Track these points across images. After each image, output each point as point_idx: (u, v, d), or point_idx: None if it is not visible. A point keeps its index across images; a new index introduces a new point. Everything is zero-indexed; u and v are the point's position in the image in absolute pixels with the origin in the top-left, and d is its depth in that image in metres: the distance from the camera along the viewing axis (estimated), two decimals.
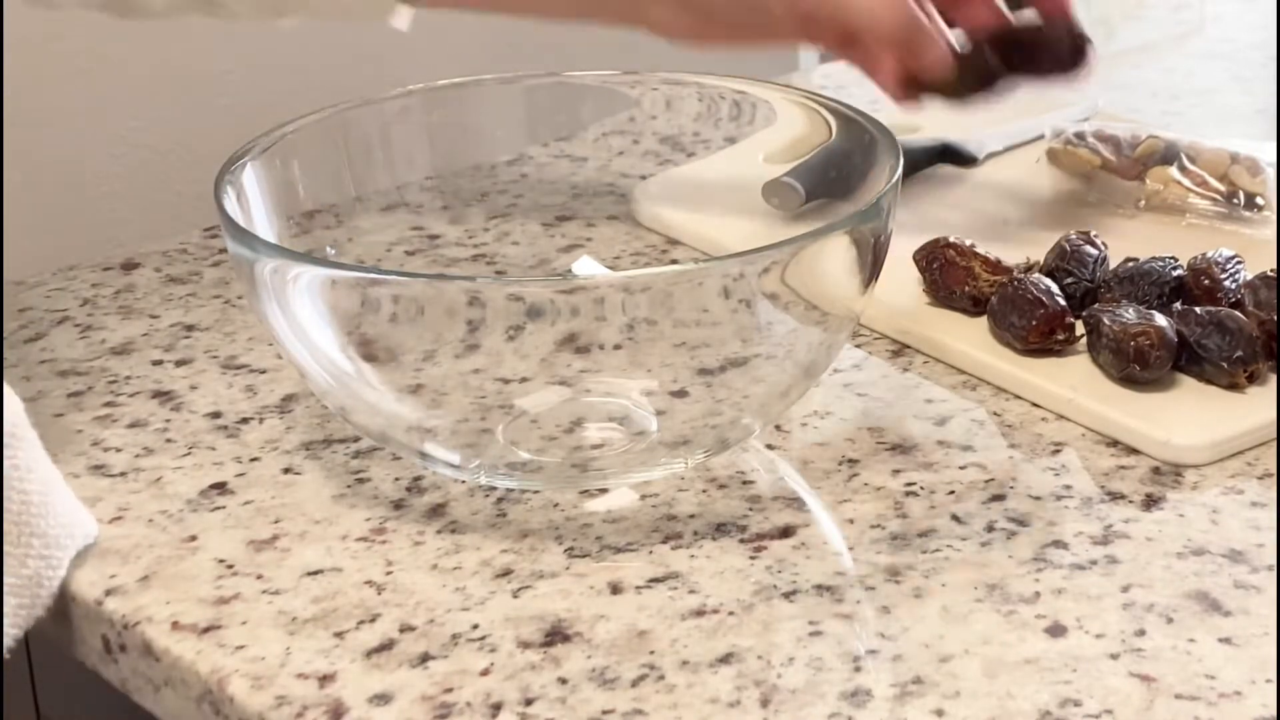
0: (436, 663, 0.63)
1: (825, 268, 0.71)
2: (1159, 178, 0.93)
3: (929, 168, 0.99)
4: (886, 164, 0.75)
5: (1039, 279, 0.80)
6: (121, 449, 0.77)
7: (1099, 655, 0.62)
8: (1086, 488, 0.72)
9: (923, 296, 0.84)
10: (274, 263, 0.69)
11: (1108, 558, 0.67)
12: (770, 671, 0.62)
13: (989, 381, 0.80)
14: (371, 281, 0.70)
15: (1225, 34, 1.26)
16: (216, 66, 1.10)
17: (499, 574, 0.68)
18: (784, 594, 0.66)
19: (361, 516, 0.72)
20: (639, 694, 0.61)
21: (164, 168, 1.10)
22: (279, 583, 0.68)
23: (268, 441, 0.77)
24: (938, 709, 0.60)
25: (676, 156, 0.94)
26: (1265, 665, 0.61)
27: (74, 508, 0.69)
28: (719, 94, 0.85)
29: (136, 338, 0.87)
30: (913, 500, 0.71)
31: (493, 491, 0.73)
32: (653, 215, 0.93)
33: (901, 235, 0.75)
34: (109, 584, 0.68)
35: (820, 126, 0.81)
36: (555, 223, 0.91)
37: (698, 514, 0.71)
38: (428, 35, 1.19)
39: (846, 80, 1.22)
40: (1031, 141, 1.01)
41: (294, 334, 0.71)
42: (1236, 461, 0.73)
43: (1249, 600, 0.65)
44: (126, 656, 0.67)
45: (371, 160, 0.85)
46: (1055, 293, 0.79)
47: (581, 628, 0.65)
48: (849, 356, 0.82)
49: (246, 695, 0.62)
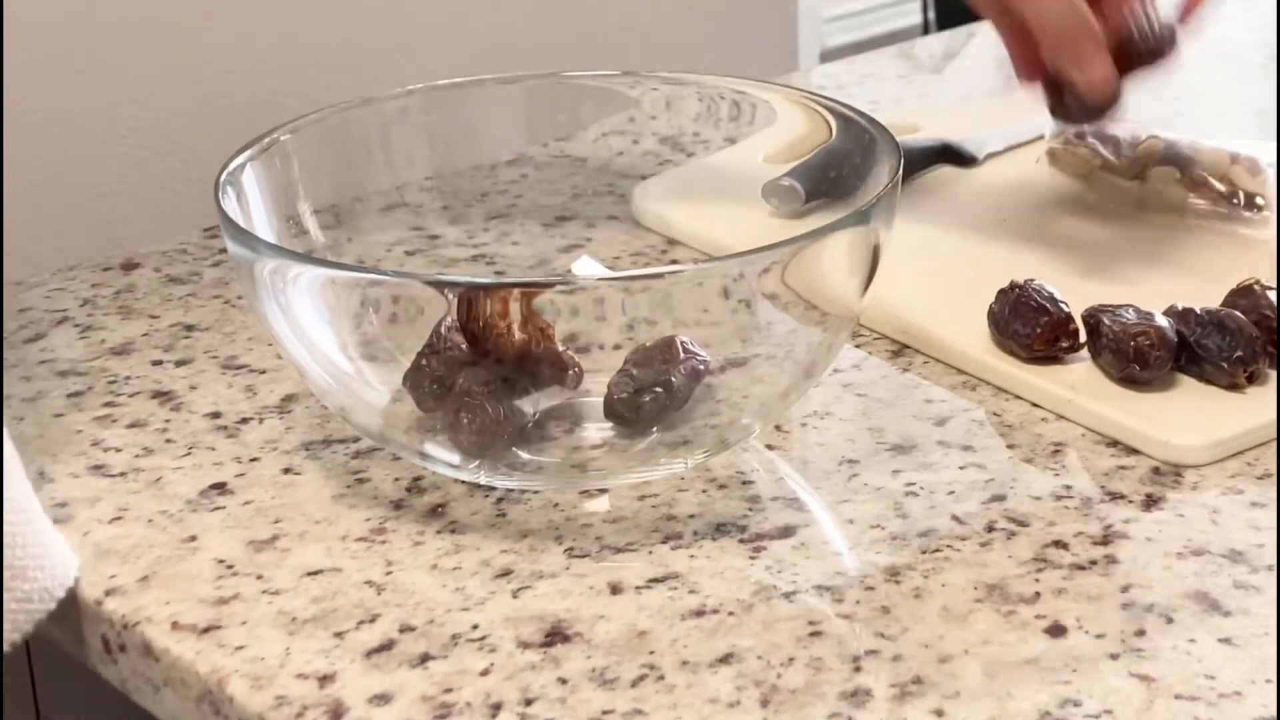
0: (436, 663, 0.63)
1: (825, 268, 0.71)
2: (1159, 178, 0.93)
3: (929, 168, 0.99)
4: (886, 164, 0.75)
5: (1041, 285, 0.80)
6: (121, 449, 0.77)
7: (1099, 655, 0.62)
8: (1086, 488, 0.72)
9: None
10: (274, 263, 0.69)
11: (1108, 558, 0.67)
12: (770, 671, 0.62)
13: (989, 381, 0.80)
14: (371, 281, 0.70)
15: (1225, 34, 1.26)
16: (216, 66, 1.10)
17: (499, 574, 0.68)
18: (784, 594, 0.66)
19: (361, 516, 0.72)
20: (639, 694, 0.61)
21: (164, 168, 1.10)
22: (279, 583, 0.68)
23: (267, 441, 0.77)
24: (938, 709, 0.60)
25: (676, 156, 0.94)
26: (1265, 665, 0.61)
27: (52, 540, 0.67)
28: (719, 94, 0.85)
29: (136, 338, 0.87)
30: (913, 500, 0.71)
31: (493, 491, 0.73)
32: (653, 215, 0.93)
33: (902, 235, 0.75)
34: (109, 584, 0.68)
35: (820, 126, 0.81)
36: (555, 223, 0.91)
37: (698, 514, 0.71)
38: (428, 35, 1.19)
39: (846, 80, 1.22)
40: (1031, 141, 1.01)
41: (294, 334, 0.71)
42: (1236, 461, 0.73)
43: (1249, 600, 0.65)
44: (126, 656, 0.67)
45: (371, 160, 0.85)
46: (1059, 299, 0.79)
47: (581, 628, 0.65)
48: (849, 356, 0.82)
49: (246, 695, 0.62)
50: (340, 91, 0.87)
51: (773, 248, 0.69)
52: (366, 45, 1.16)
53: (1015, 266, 0.88)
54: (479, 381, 0.70)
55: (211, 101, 1.10)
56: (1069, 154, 0.95)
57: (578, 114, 0.89)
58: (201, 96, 1.10)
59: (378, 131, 0.85)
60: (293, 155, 0.79)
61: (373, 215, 0.85)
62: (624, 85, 0.87)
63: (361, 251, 0.84)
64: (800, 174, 0.87)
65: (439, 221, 0.89)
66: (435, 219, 0.89)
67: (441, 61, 1.18)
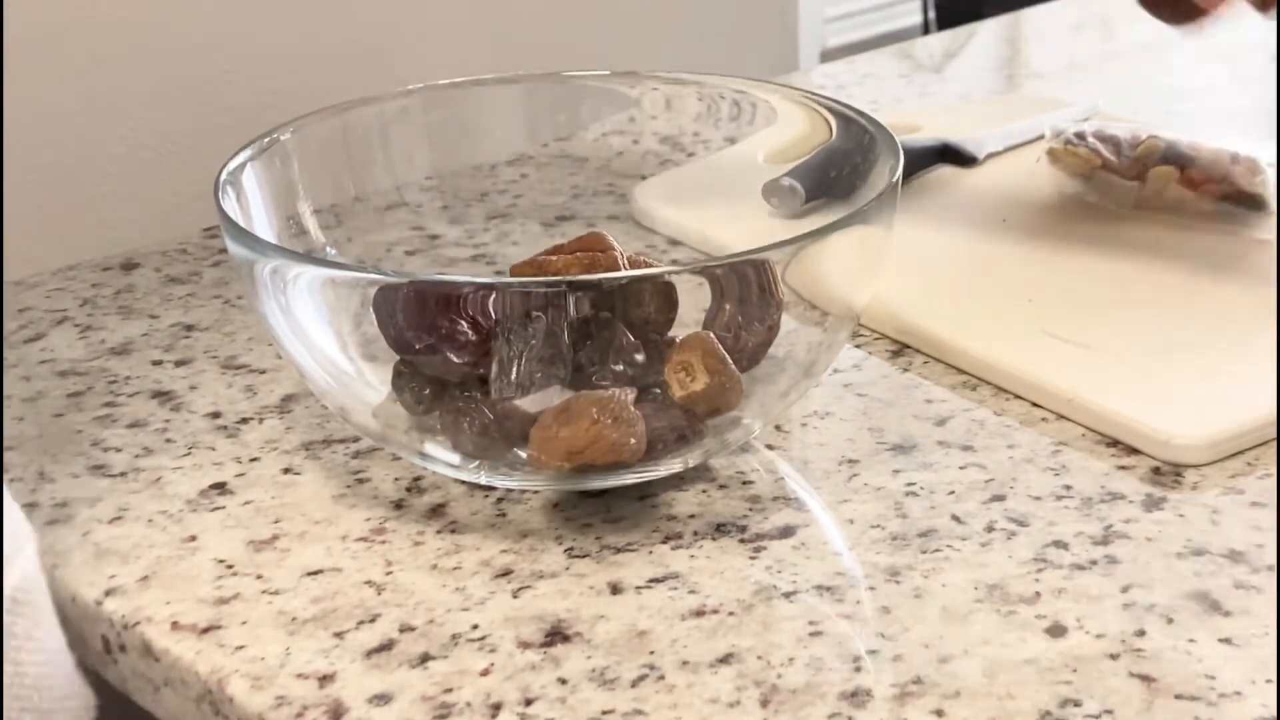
0: (436, 663, 0.63)
1: (825, 268, 0.71)
2: (1159, 178, 0.93)
3: (929, 168, 0.99)
4: (886, 164, 0.75)
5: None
6: (121, 449, 0.77)
7: (1099, 655, 0.62)
8: (1086, 488, 0.72)
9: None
10: (274, 263, 0.69)
11: (1108, 558, 0.67)
12: (770, 671, 0.62)
13: (989, 381, 0.80)
14: (371, 281, 0.70)
15: (1225, 34, 1.26)
16: (216, 66, 1.10)
17: (499, 574, 0.68)
18: (784, 594, 0.66)
19: (361, 516, 0.72)
20: (639, 694, 0.61)
21: (164, 168, 1.10)
22: (279, 583, 0.68)
23: (267, 441, 0.78)
24: (938, 709, 0.60)
25: (676, 156, 0.94)
26: (1265, 665, 0.61)
27: (73, 681, 0.67)
28: (719, 94, 0.85)
29: (136, 338, 0.87)
30: (913, 500, 0.71)
31: (493, 491, 0.73)
32: (653, 215, 0.94)
33: (902, 235, 0.75)
34: (109, 584, 0.68)
35: (820, 126, 0.81)
36: (555, 223, 0.91)
37: (698, 514, 0.71)
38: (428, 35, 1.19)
39: (846, 80, 1.22)
40: (1031, 141, 1.01)
41: (294, 334, 0.71)
42: (1236, 461, 0.73)
43: (1249, 600, 0.65)
44: (126, 656, 0.67)
45: (371, 160, 0.85)
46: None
47: (581, 628, 0.65)
48: (849, 356, 0.82)
49: (246, 695, 0.62)
50: (340, 91, 0.87)
51: (773, 247, 0.69)
52: (366, 45, 1.16)
53: (1015, 266, 0.88)
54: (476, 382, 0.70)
55: (211, 101, 1.10)
56: (1069, 154, 0.95)
57: (578, 114, 0.89)
58: (201, 96, 1.10)
59: (378, 131, 0.85)
60: (293, 155, 0.79)
61: (373, 215, 0.85)
62: (624, 85, 0.87)
63: (361, 251, 0.84)
64: (800, 174, 0.87)
65: (439, 221, 0.89)
66: (435, 219, 0.89)
67: (441, 61, 1.18)
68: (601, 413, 0.67)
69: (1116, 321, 0.82)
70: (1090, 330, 0.81)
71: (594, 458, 0.68)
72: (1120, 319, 0.82)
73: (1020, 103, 1.14)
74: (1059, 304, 0.84)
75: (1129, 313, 0.83)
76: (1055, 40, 1.34)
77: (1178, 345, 0.80)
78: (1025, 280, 0.86)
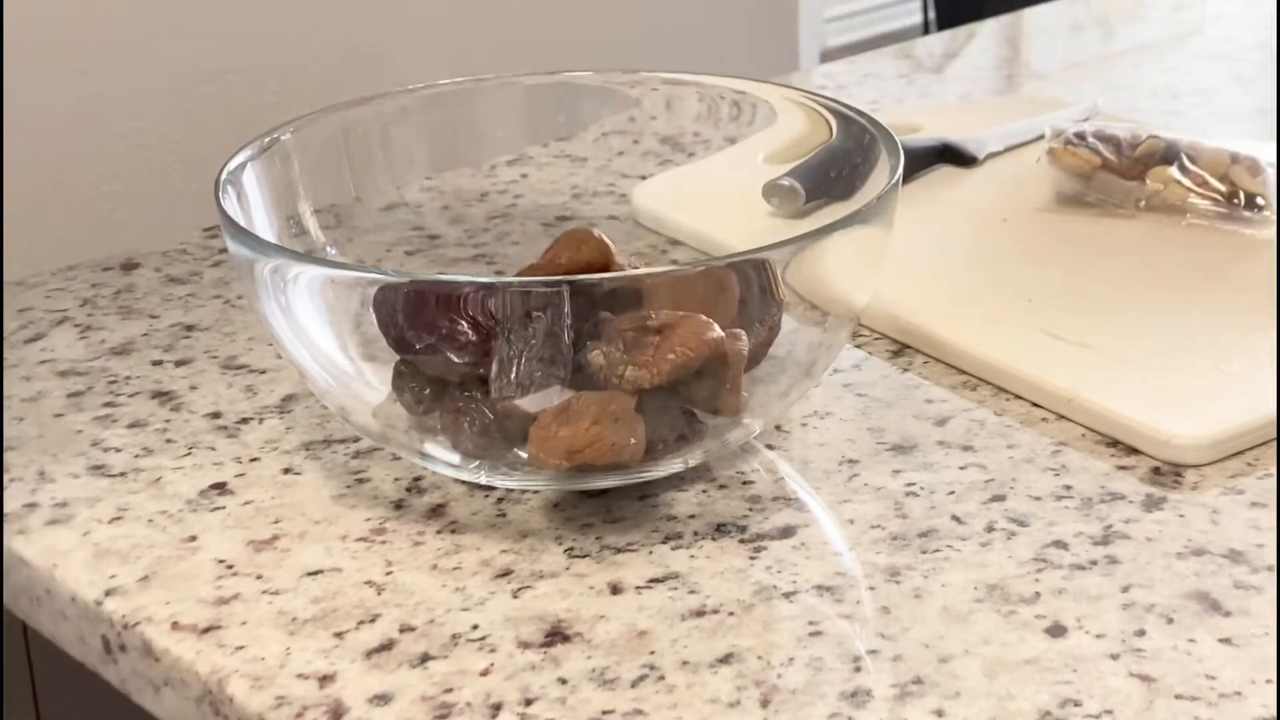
0: (436, 663, 0.63)
1: (825, 268, 0.71)
2: (1159, 178, 0.93)
3: (929, 168, 0.99)
4: (886, 164, 0.75)
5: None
6: (121, 449, 0.77)
7: (1099, 655, 0.62)
8: (1086, 488, 0.72)
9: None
10: (274, 263, 0.69)
11: (1108, 558, 0.67)
12: (770, 671, 0.62)
13: (989, 381, 0.80)
14: (371, 281, 0.70)
15: (1225, 34, 1.26)
16: (216, 66, 1.10)
17: (499, 574, 0.68)
18: (784, 594, 0.66)
19: (361, 516, 0.72)
20: (639, 694, 0.61)
21: (164, 168, 1.10)
22: (279, 583, 0.68)
23: (267, 441, 0.78)
24: (938, 709, 0.60)
25: (676, 156, 0.94)
26: (1265, 665, 0.61)
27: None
28: (719, 94, 0.85)
29: (136, 338, 0.87)
30: (913, 500, 0.71)
31: (493, 491, 0.73)
32: (653, 215, 0.94)
33: (902, 235, 0.75)
34: (109, 584, 0.68)
35: (820, 126, 0.81)
36: (555, 223, 0.91)
37: (698, 514, 0.71)
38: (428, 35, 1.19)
39: (847, 80, 1.22)
40: (1031, 141, 1.01)
41: (294, 334, 0.71)
42: (1236, 461, 0.73)
43: (1249, 600, 0.65)
44: (126, 657, 0.67)
45: (371, 160, 0.85)
46: None
47: (581, 628, 0.65)
48: (849, 356, 0.82)
49: (246, 695, 0.62)
50: (340, 91, 0.87)
51: (773, 247, 0.69)
52: (366, 45, 1.16)
53: (1015, 266, 0.88)
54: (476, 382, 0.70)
55: (211, 101, 1.10)
56: (1069, 154, 0.95)
57: (578, 114, 0.89)
58: (201, 96, 1.10)
59: (378, 131, 0.85)
60: (293, 155, 0.79)
61: (373, 215, 0.85)
62: (624, 85, 0.87)
63: (361, 251, 0.84)
64: (800, 174, 0.87)
65: (439, 221, 0.89)
66: (435, 219, 0.89)
67: (441, 61, 1.18)
68: (601, 413, 0.67)
69: (1116, 321, 0.82)
70: (1090, 330, 0.81)
71: (593, 458, 0.68)
72: (1120, 319, 0.82)
73: (1020, 103, 1.14)
74: (1059, 304, 0.84)
75: (1129, 313, 0.83)
76: (1055, 40, 1.34)
77: (1178, 345, 0.80)
78: (1025, 280, 0.86)
